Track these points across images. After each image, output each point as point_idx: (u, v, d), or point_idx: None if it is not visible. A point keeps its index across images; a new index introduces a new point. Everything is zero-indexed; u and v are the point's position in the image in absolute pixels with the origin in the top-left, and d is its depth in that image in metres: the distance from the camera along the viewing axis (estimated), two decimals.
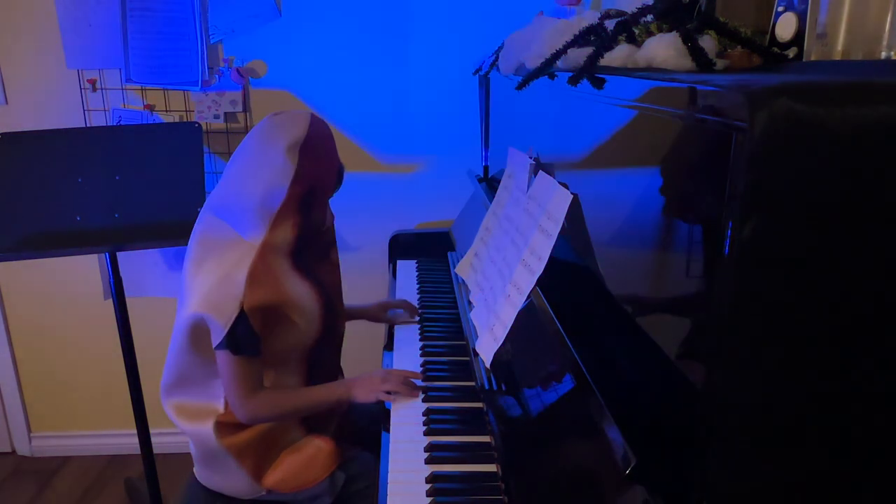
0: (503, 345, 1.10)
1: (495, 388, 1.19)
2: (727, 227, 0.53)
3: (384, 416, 1.27)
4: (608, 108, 0.84)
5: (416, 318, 1.67)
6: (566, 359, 0.92)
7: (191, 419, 1.34)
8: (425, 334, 1.59)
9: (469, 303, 1.40)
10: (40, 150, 1.69)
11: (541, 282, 1.03)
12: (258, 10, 2.02)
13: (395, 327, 1.63)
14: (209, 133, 2.10)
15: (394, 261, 2.09)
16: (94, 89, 2.07)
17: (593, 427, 0.79)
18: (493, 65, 1.54)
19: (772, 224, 0.52)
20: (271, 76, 2.09)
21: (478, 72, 1.89)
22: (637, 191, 0.79)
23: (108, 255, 1.76)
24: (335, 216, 1.44)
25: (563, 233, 0.99)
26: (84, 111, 2.08)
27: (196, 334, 1.27)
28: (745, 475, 0.59)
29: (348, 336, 1.55)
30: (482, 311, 1.25)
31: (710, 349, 0.59)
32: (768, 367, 0.56)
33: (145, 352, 1.94)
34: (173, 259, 2.22)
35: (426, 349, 1.50)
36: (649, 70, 0.74)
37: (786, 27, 0.77)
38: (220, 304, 1.21)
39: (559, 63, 0.94)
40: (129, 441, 2.29)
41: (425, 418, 1.23)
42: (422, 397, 1.31)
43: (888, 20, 0.71)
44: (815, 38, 0.74)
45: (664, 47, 0.72)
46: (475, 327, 1.27)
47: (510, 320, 1.08)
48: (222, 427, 1.32)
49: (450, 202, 2.18)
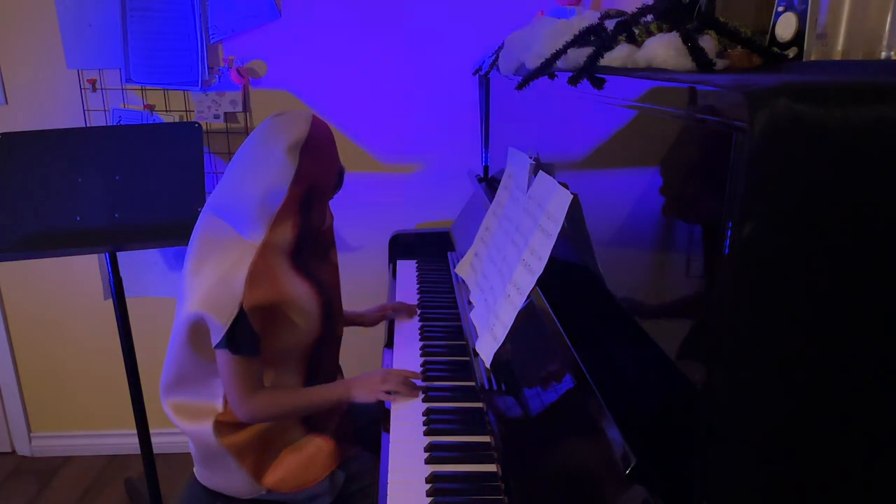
0: (503, 345, 1.10)
1: (495, 388, 1.19)
2: (727, 227, 0.53)
3: (384, 416, 1.27)
4: (608, 108, 0.84)
5: (414, 316, 1.67)
6: (566, 359, 0.92)
7: (190, 419, 1.34)
8: (425, 334, 1.59)
9: (469, 303, 1.40)
10: (40, 150, 1.69)
11: (541, 282, 1.03)
12: (258, 10, 2.02)
13: (395, 328, 1.63)
14: (209, 133, 2.10)
15: (394, 261, 2.09)
16: (94, 89, 2.07)
17: (593, 427, 0.79)
18: (493, 65, 1.54)
19: (772, 224, 0.52)
20: (271, 76, 2.09)
21: (478, 72, 1.89)
22: (637, 191, 0.79)
23: (108, 255, 1.76)
24: (335, 217, 1.44)
25: (563, 233, 1.00)
26: (84, 111, 2.08)
27: (195, 334, 1.27)
28: (745, 475, 0.59)
29: (348, 335, 1.56)
30: (482, 311, 1.25)
31: (710, 349, 0.59)
32: (768, 367, 0.56)
33: (145, 352, 1.94)
34: (173, 259, 2.22)
35: (426, 349, 1.50)
36: (649, 70, 0.74)
37: (786, 27, 0.77)
38: (220, 303, 1.21)
39: (559, 63, 0.94)
40: (129, 441, 2.29)
41: (425, 418, 1.23)
42: (422, 397, 1.31)
43: (888, 20, 0.71)
44: (815, 38, 0.74)
45: (664, 47, 0.72)
46: (475, 327, 1.27)
47: (510, 320, 1.08)
48: (222, 426, 1.32)
49: (450, 202, 2.18)
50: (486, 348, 1.14)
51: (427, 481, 1.07)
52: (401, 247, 2.12)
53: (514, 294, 1.09)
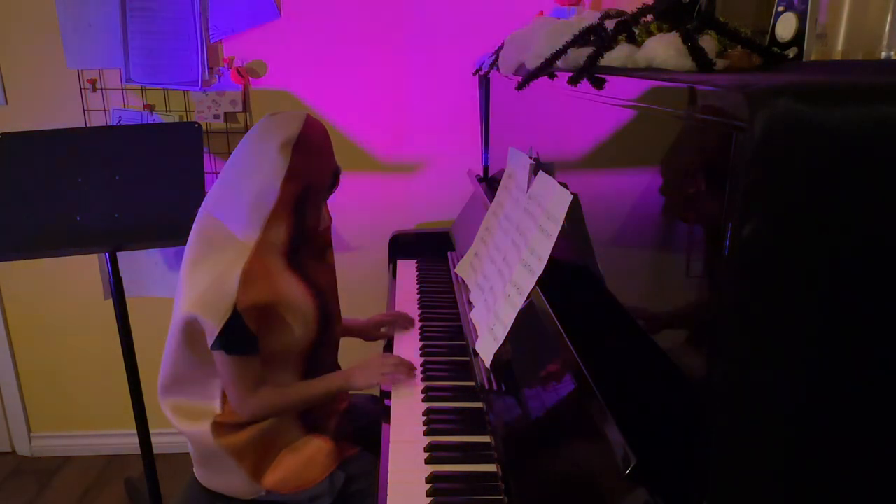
0: (503, 345, 1.10)
1: (495, 388, 1.19)
2: (727, 227, 0.53)
3: (384, 415, 1.27)
4: (608, 108, 0.84)
5: (412, 328, 1.61)
6: (566, 359, 0.92)
7: (188, 419, 1.34)
8: (425, 334, 1.59)
9: (469, 303, 1.40)
10: (40, 150, 1.69)
11: (541, 282, 1.03)
12: (258, 10, 2.02)
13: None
14: (209, 133, 2.10)
15: (394, 261, 2.09)
16: (94, 89, 2.07)
17: (593, 427, 0.79)
18: (493, 65, 1.54)
19: (772, 224, 0.52)
20: (271, 76, 2.09)
21: (478, 72, 1.88)
22: (637, 191, 0.79)
23: (108, 255, 1.76)
24: (335, 217, 1.44)
25: (563, 233, 0.99)
26: (84, 111, 2.08)
27: (190, 334, 1.27)
28: (745, 475, 0.59)
29: (346, 337, 1.56)
30: (482, 311, 1.25)
31: (710, 349, 0.59)
32: (768, 367, 0.56)
33: (145, 352, 1.93)
34: (173, 259, 2.22)
35: (426, 349, 1.50)
36: (649, 70, 0.74)
37: (786, 27, 0.77)
38: (213, 304, 1.21)
39: (559, 63, 0.94)
40: (129, 441, 2.29)
41: (425, 418, 1.23)
42: (422, 397, 1.31)
43: (888, 20, 0.71)
44: (815, 38, 0.74)
45: (664, 47, 0.72)
46: (475, 327, 1.27)
47: (510, 320, 1.08)
48: (220, 427, 1.32)
49: (450, 202, 2.18)
50: (486, 348, 1.14)
51: (427, 481, 1.07)
52: (401, 247, 2.12)
53: (514, 294, 1.09)
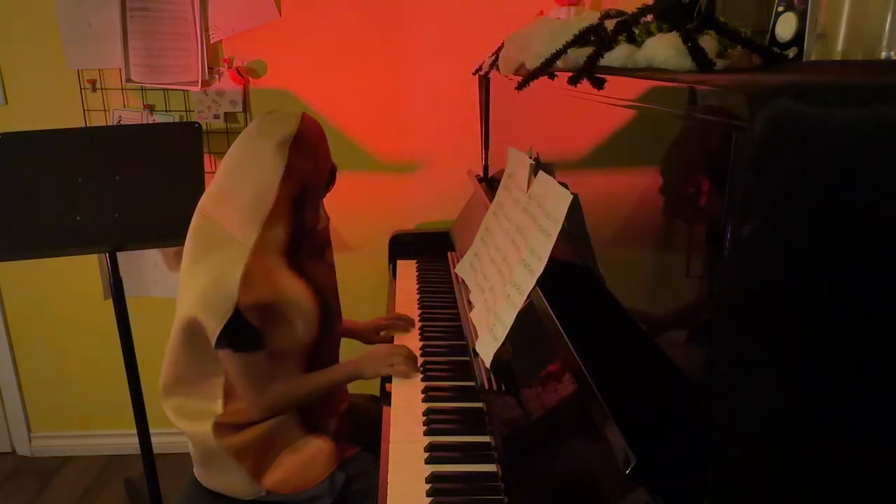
0: (503, 345, 1.10)
1: (495, 388, 1.19)
2: (727, 227, 0.53)
3: (384, 415, 1.27)
4: (608, 108, 0.84)
5: (412, 329, 1.61)
6: (566, 359, 0.92)
7: (189, 419, 1.34)
8: (425, 334, 1.58)
9: (469, 303, 1.40)
10: (40, 150, 1.69)
11: (541, 282, 1.03)
12: (258, 10, 2.02)
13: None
14: (209, 133, 2.10)
15: (394, 261, 2.08)
16: (94, 89, 2.07)
17: (593, 427, 0.79)
18: (493, 65, 1.54)
19: (772, 224, 0.52)
20: (271, 76, 2.09)
21: (478, 72, 1.88)
22: (637, 191, 0.79)
23: (108, 255, 1.76)
24: (333, 217, 1.44)
25: (563, 233, 0.99)
26: (84, 111, 2.08)
27: (192, 335, 1.27)
28: (745, 475, 0.59)
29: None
30: (482, 311, 1.25)
31: (710, 349, 0.59)
32: (768, 367, 0.56)
33: (145, 352, 1.93)
34: (173, 259, 2.21)
35: (426, 349, 1.50)
36: (649, 70, 0.74)
37: (786, 27, 0.77)
38: (215, 305, 1.21)
39: (559, 63, 0.94)
40: (129, 441, 2.28)
41: (425, 418, 1.23)
42: (422, 398, 1.31)
43: (888, 20, 0.71)
44: (815, 38, 0.74)
45: (664, 47, 0.72)
46: (475, 327, 1.27)
47: (510, 320, 1.08)
48: (221, 428, 1.32)
49: (450, 202, 2.18)
50: (486, 348, 1.13)
51: (427, 481, 1.07)
52: (401, 247, 2.12)
53: (514, 294, 1.09)
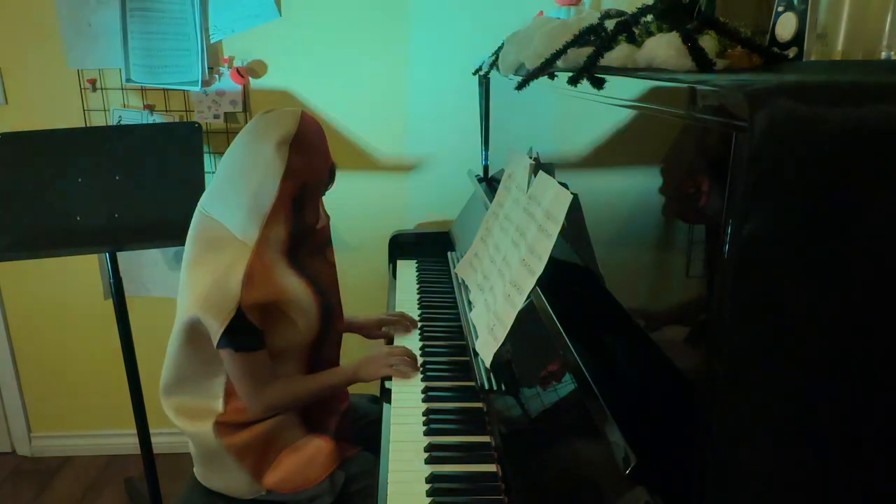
0: (503, 345, 1.10)
1: (495, 388, 1.19)
2: (727, 227, 0.53)
3: (384, 415, 1.27)
4: (608, 108, 0.84)
5: (414, 330, 1.61)
6: (566, 359, 0.92)
7: (190, 419, 1.34)
8: (425, 334, 1.59)
9: (469, 303, 1.40)
10: (40, 150, 1.69)
11: (541, 282, 1.03)
12: (258, 10, 2.02)
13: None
14: (209, 133, 2.10)
15: (394, 261, 2.09)
16: (94, 89, 2.07)
17: (593, 427, 0.79)
18: (493, 65, 1.54)
19: (772, 224, 0.52)
20: (271, 76, 2.09)
21: (478, 72, 1.89)
22: (637, 191, 0.79)
23: (108, 255, 1.76)
24: (334, 216, 1.44)
25: (563, 233, 1.00)
26: (84, 111, 2.08)
27: (193, 335, 1.27)
28: (744, 475, 0.59)
29: (348, 334, 1.56)
30: (482, 311, 1.25)
31: (709, 349, 0.59)
32: (768, 366, 0.56)
33: (145, 352, 1.94)
34: (173, 259, 2.22)
35: (426, 349, 1.50)
36: (649, 70, 0.74)
37: (786, 27, 0.77)
38: (216, 305, 1.21)
39: (559, 63, 0.94)
40: (129, 441, 2.29)
41: (425, 418, 1.23)
42: (422, 398, 1.31)
43: (888, 20, 0.71)
44: (815, 38, 0.74)
45: (664, 47, 0.72)
46: (475, 327, 1.27)
47: (510, 320, 1.08)
48: (222, 427, 1.32)
49: (450, 202, 2.18)
50: (486, 348, 1.14)
51: (427, 481, 1.07)
52: (401, 247, 2.12)
53: (514, 294, 1.09)
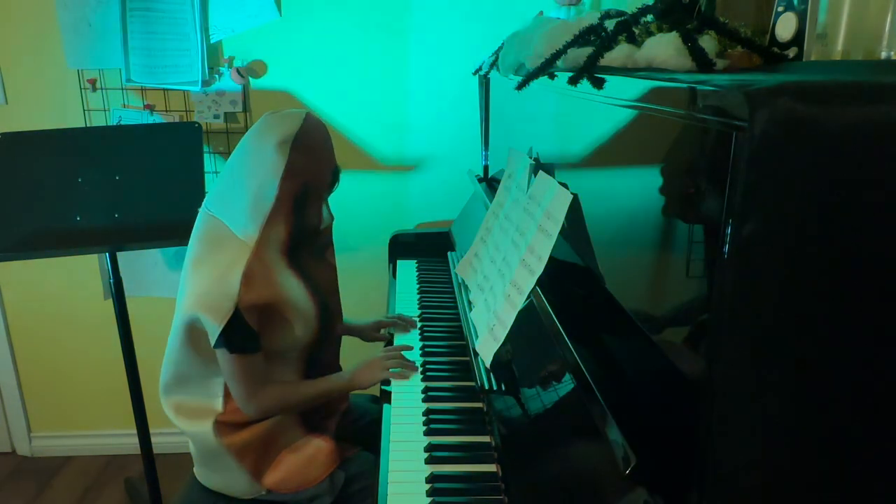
0: (503, 345, 1.10)
1: (495, 388, 1.19)
2: (727, 227, 0.53)
3: (384, 415, 1.27)
4: (608, 108, 0.84)
5: (412, 331, 1.60)
6: (566, 359, 0.92)
7: (190, 418, 1.34)
8: (425, 334, 1.59)
9: (469, 303, 1.40)
10: (40, 150, 1.69)
11: (541, 282, 1.03)
12: (258, 10, 2.02)
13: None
14: (209, 133, 2.10)
15: (394, 261, 2.08)
16: (94, 89, 2.07)
17: (593, 427, 0.79)
18: (493, 65, 1.54)
19: (772, 224, 0.52)
20: (271, 76, 2.09)
21: (478, 72, 1.88)
22: (637, 191, 0.79)
23: (108, 255, 1.76)
24: (334, 217, 1.43)
25: (563, 233, 0.99)
26: (84, 111, 2.08)
27: (192, 333, 1.27)
28: (744, 475, 0.59)
29: (347, 335, 1.56)
30: (482, 311, 1.25)
31: (709, 349, 0.59)
32: (768, 366, 0.56)
33: (145, 352, 1.94)
34: (173, 259, 2.22)
35: (426, 349, 1.50)
36: (649, 70, 0.74)
37: (786, 27, 0.77)
38: (215, 303, 1.21)
39: (559, 63, 0.94)
40: (129, 441, 2.29)
41: (425, 418, 1.23)
42: (422, 398, 1.31)
43: (888, 20, 0.71)
44: (815, 38, 0.74)
45: (664, 47, 0.72)
46: (475, 327, 1.27)
47: (510, 320, 1.08)
48: (222, 427, 1.32)
49: (450, 202, 2.18)
50: (486, 348, 1.14)
51: (427, 481, 1.07)
52: (401, 247, 2.12)
53: (514, 294, 1.09)
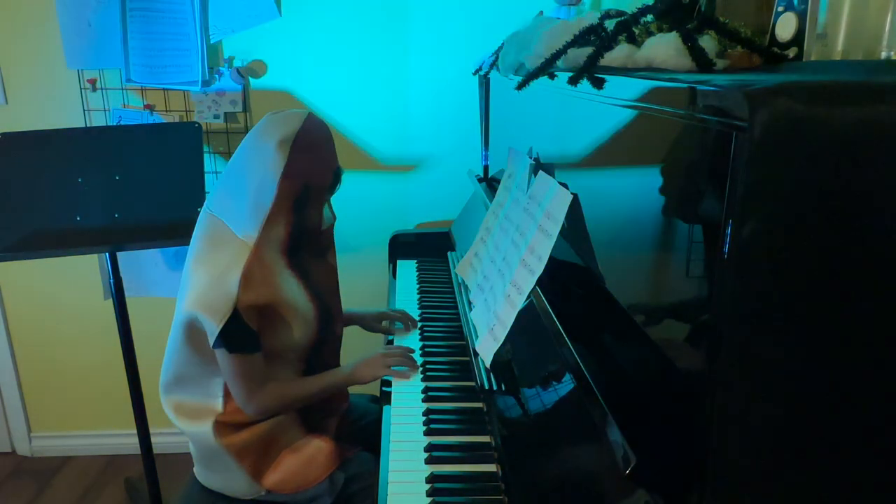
0: (503, 345, 1.10)
1: (495, 388, 1.19)
2: (727, 227, 0.53)
3: (384, 415, 1.27)
4: (608, 108, 0.84)
5: (414, 330, 1.61)
6: (566, 359, 0.92)
7: (190, 418, 1.34)
8: (425, 334, 1.59)
9: (469, 303, 1.40)
10: (40, 150, 1.68)
11: (541, 282, 1.03)
12: (258, 10, 2.02)
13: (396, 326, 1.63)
14: (209, 133, 2.10)
15: (394, 261, 2.09)
16: (94, 89, 2.07)
17: (593, 427, 0.79)
18: (493, 65, 1.54)
19: (772, 224, 0.52)
20: (271, 76, 2.09)
21: (478, 72, 1.88)
22: (637, 191, 0.79)
23: (108, 255, 1.76)
24: (336, 217, 1.43)
25: (563, 233, 0.99)
26: (84, 111, 2.08)
27: (192, 333, 1.27)
28: (744, 475, 0.59)
29: (348, 335, 1.55)
30: (482, 311, 1.25)
31: (709, 349, 0.59)
32: (768, 366, 0.56)
33: (145, 352, 1.93)
34: (173, 259, 2.22)
35: (426, 349, 1.50)
36: (649, 70, 0.74)
37: (786, 27, 0.77)
38: (214, 303, 1.21)
39: (559, 63, 0.94)
40: (129, 441, 2.29)
41: (425, 418, 1.23)
42: (422, 398, 1.31)
43: (888, 20, 0.71)
44: (815, 38, 0.74)
45: (664, 47, 0.72)
46: (475, 327, 1.27)
47: (510, 320, 1.08)
48: (221, 427, 1.32)
49: (450, 202, 2.18)
50: (486, 348, 1.14)
51: (427, 481, 1.07)
52: (401, 247, 2.12)
53: (514, 294, 1.09)
